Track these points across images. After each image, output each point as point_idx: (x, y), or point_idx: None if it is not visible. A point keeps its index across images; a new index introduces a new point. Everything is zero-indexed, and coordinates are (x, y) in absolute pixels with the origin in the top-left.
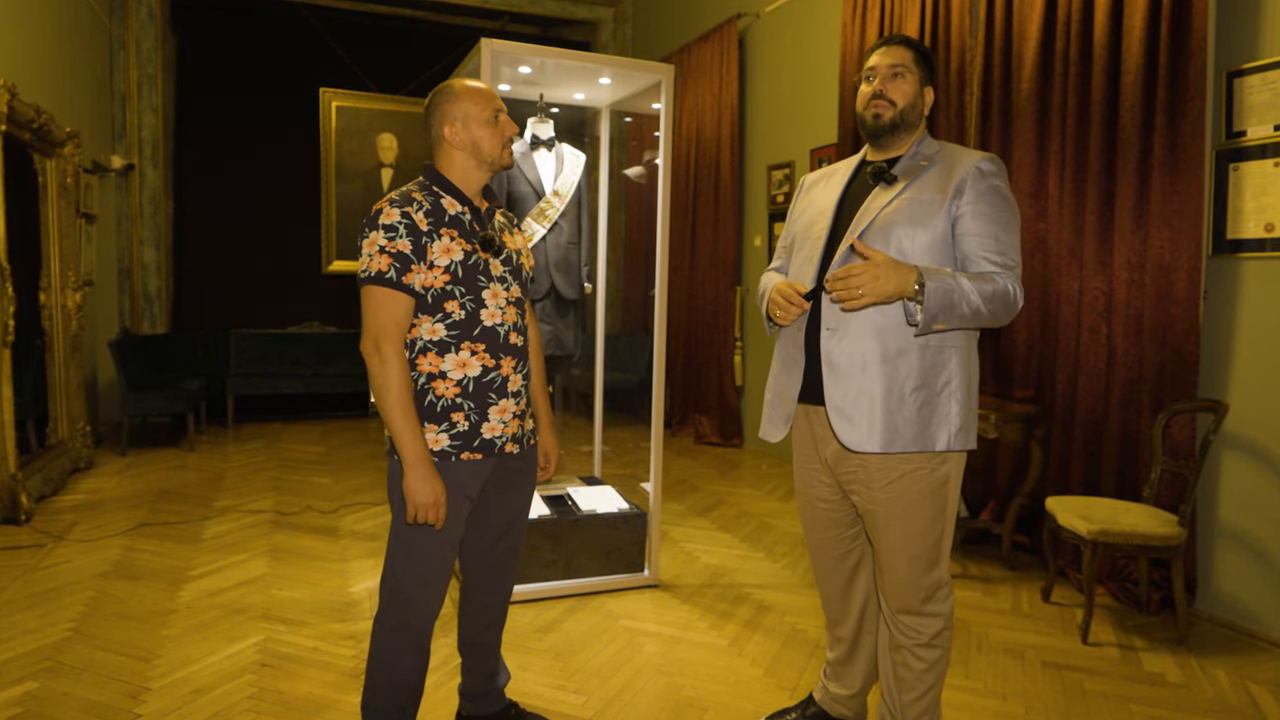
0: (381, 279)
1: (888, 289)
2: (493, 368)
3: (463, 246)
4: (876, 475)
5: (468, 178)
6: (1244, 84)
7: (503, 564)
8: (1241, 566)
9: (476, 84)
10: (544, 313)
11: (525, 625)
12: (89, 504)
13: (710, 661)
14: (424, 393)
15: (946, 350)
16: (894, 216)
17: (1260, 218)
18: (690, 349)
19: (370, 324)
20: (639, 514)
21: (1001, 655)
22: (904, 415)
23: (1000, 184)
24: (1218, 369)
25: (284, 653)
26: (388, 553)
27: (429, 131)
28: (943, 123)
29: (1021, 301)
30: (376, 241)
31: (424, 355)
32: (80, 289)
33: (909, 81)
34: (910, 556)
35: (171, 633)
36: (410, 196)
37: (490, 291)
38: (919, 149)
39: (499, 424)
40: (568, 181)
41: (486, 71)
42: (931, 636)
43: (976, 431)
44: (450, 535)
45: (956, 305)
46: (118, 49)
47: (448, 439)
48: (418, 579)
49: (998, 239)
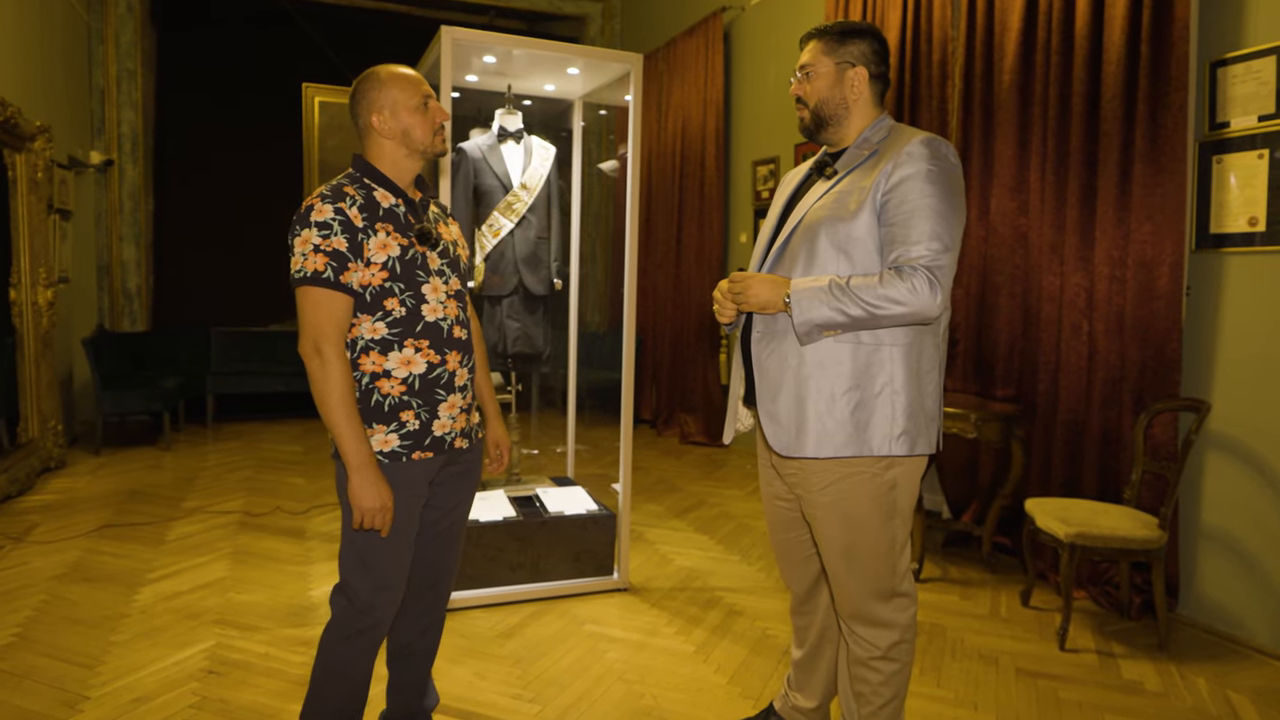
0: (318, 279)
1: (761, 298)
2: (438, 364)
3: (399, 241)
4: (814, 479)
5: (399, 168)
6: (1227, 74)
7: (440, 560)
8: (1224, 570)
9: (403, 69)
10: (511, 310)
11: (486, 630)
12: (55, 504)
13: (674, 669)
14: (369, 393)
15: (883, 349)
16: (820, 212)
17: (1244, 211)
18: (676, 347)
19: (309, 325)
20: (608, 515)
21: (975, 662)
22: (834, 418)
23: (933, 166)
24: (1201, 367)
25: (233, 659)
26: (342, 559)
27: (356, 121)
28: (925, 115)
29: (937, 298)
30: (310, 240)
31: (366, 355)
32: (53, 286)
33: (818, 76)
34: (855, 564)
35: (120, 638)
36: (342, 190)
37: (430, 286)
38: (867, 136)
39: (448, 420)
40: (536, 174)
41: (448, 61)
42: (887, 648)
43: (932, 435)
44: (406, 534)
45: (833, 316)
46: (96, 43)
47: (398, 439)
48: (376, 582)
49: (915, 229)
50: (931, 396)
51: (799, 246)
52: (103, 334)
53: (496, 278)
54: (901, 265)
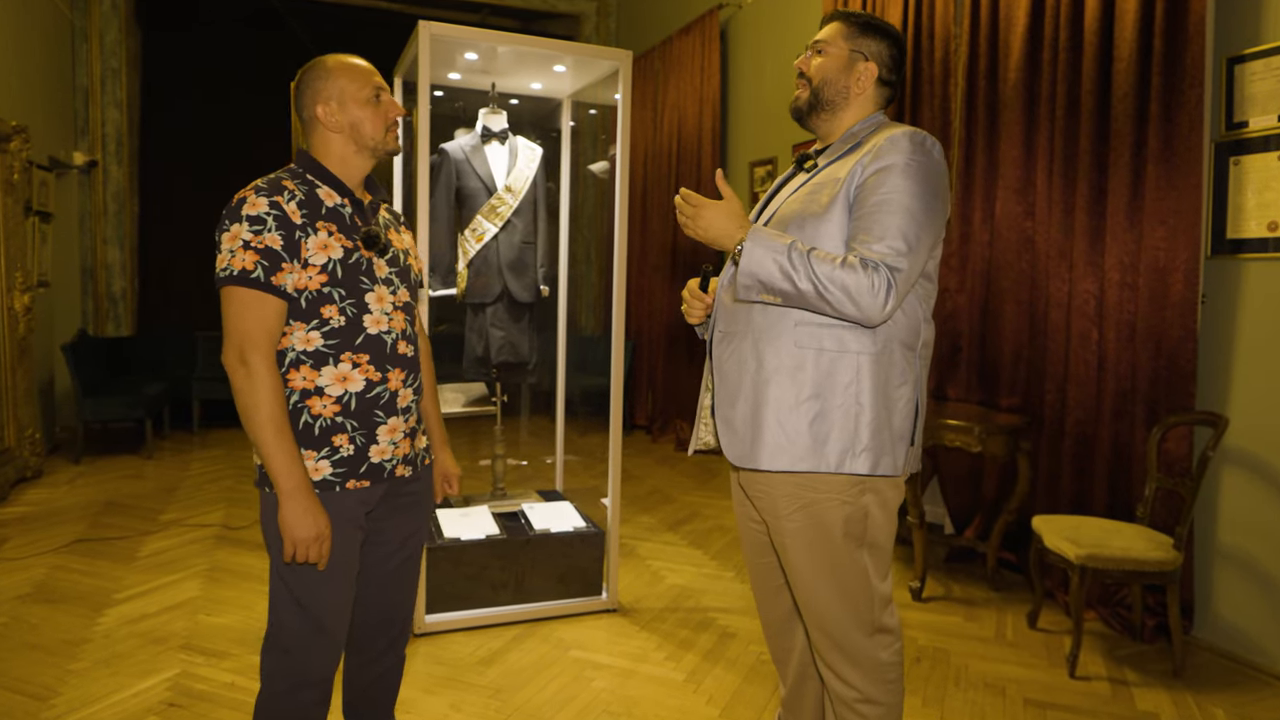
0: (247, 279)
1: (711, 232)
2: (379, 382)
3: (342, 243)
4: (781, 502)
5: (347, 165)
6: (1245, 70)
7: (392, 602)
8: (1242, 593)
9: (353, 59)
10: (496, 317)
11: (466, 656)
12: (29, 517)
13: (662, 699)
14: (297, 413)
15: (848, 356)
16: (793, 205)
17: (1263, 215)
18: (672, 351)
19: (234, 332)
20: (596, 533)
21: (981, 691)
22: (792, 428)
23: (913, 160)
24: (1217, 379)
25: (197, 690)
26: (272, 603)
27: (300, 114)
28: (926, 115)
29: (889, 303)
30: (239, 235)
31: (296, 369)
32: (30, 290)
33: (831, 57)
34: (827, 597)
35: (79, 666)
36: (280, 184)
37: (375, 295)
38: (855, 130)
39: (388, 445)
40: (521, 176)
41: (425, 57)
42: (870, 690)
43: (899, 456)
44: (345, 571)
45: (778, 279)
46: (80, 41)
47: (330, 466)
48: (313, 627)
49: (881, 223)
50: (901, 414)
51: None
52: (84, 339)
53: (480, 284)
54: (870, 260)
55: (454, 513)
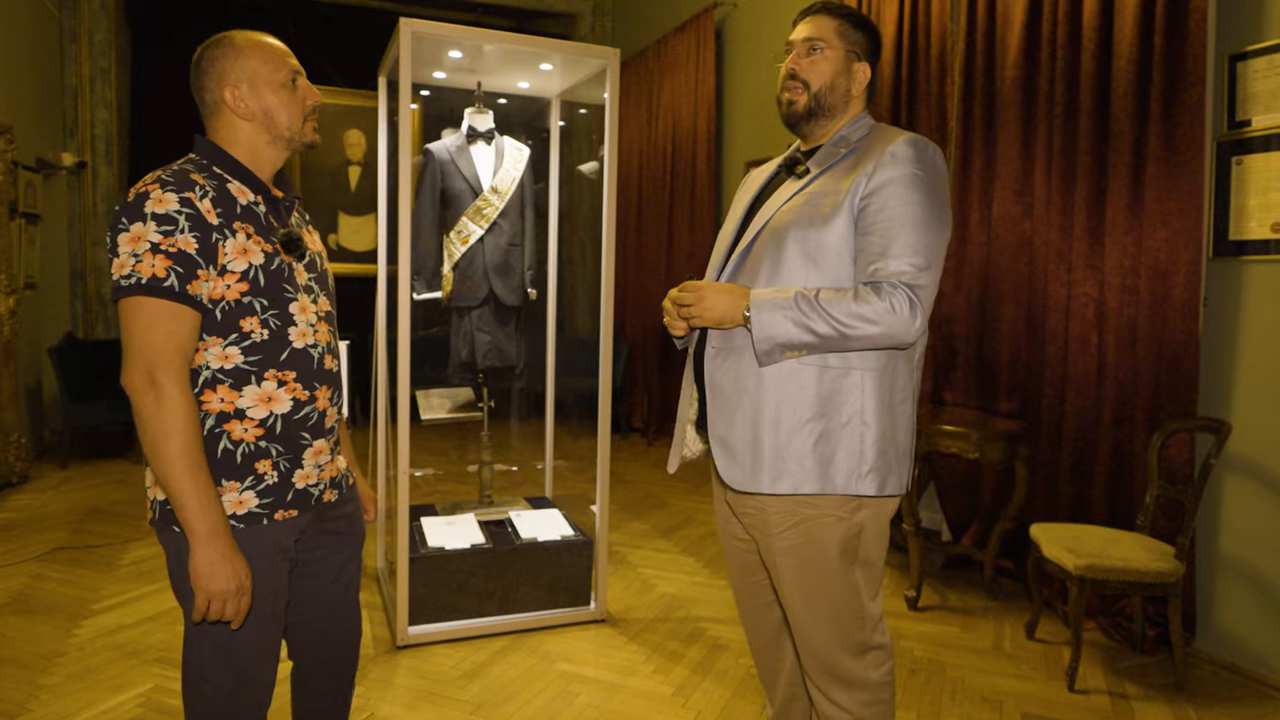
0: (158, 288)
1: (718, 310)
2: (306, 401)
3: (262, 247)
4: (774, 520)
5: (258, 157)
6: (1248, 68)
7: (340, 630)
8: (1245, 603)
9: (266, 37)
10: (482, 321)
11: (449, 670)
12: (11, 524)
13: (649, 715)
14: (214, 439)
15: (853, 374)
16: (790, 215)
17: (1266, 216)
18: (667, 354)
19: (141, 349)
20: (585, 541)
21: (978, 706)
22: (795, 450)
23: (919, 171)
24: (1219, 383)
25: (170, 706)
26: (188, 654)
27: (203, 96)
28: (923, 114)
29: (916, 320)
30: (145, 237)
31: (212, 390)
32: (15, 293)
33: (828, 58)
34: (818, 615)
35: (51, 681)
36: (188, 177)
37: (298, 304)
38: (845, 133)
39: (313, 470)
40: (508, 177)
41: (406, 56)
42: (860, 710)
43: (904, 473)
44: (273, 609)
45: (798, 334)
46: (68, 41)
47: (255, 497)
48: (237, 674)
49: (897, 241)
50: (904, 430)
51: (763, 253)
52: (71, 342)
53: (466, 287)
54: (879, 280)
55: (439, 521)
